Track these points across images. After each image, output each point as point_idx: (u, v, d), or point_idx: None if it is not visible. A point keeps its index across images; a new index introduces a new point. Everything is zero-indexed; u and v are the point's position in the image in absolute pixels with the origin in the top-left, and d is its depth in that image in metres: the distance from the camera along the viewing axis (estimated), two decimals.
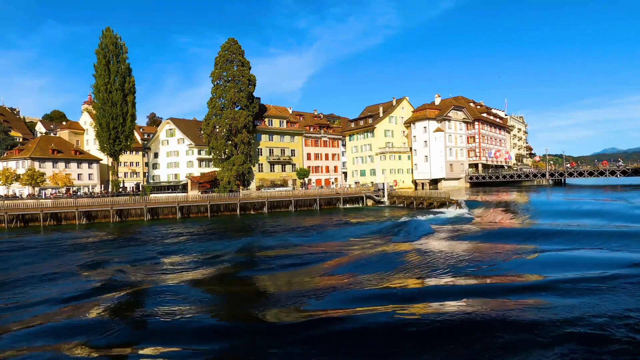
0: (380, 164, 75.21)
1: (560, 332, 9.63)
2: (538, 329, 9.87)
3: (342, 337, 10.18)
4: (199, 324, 11.46)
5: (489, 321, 10.50)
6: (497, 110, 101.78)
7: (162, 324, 11.59)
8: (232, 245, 26.41)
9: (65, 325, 11.69)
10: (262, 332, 10.91)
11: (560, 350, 8.82)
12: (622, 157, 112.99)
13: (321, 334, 10.44)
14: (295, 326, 11.07)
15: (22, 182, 60.47)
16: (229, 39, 62.59)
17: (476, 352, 8.99)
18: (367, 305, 12.59)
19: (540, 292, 13.29)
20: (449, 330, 10.12)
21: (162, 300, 13.66)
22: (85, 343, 10.19)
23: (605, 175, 64.63)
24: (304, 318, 11.75)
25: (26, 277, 18.32)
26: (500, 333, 9.75)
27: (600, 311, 10.83)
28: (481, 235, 25.65)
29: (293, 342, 10.02)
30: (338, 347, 9.70)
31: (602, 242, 21.25)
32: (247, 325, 11.61)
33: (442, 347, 9.30)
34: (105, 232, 35.82)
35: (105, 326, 11.38)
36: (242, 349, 9.93)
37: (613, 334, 9.42)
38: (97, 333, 10.81)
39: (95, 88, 59.66)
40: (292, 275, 17.74)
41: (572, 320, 10.24)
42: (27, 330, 11.41)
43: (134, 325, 11.51)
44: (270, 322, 11.68)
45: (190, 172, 74.75)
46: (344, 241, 26.78)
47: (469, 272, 16.61)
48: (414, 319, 11.09)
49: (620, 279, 13.73)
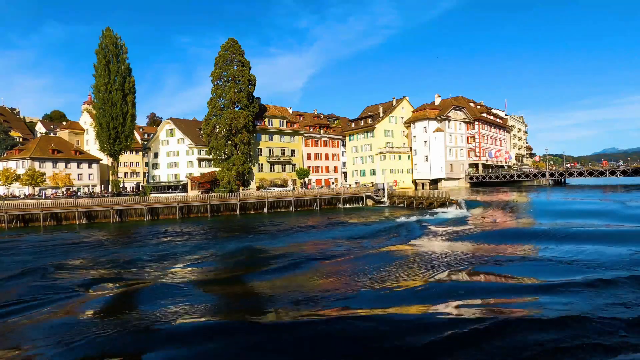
0: (380, 164, 75.21)
1: (561, 331, 9.64)
2: (538, 328, 9.88)
3: (341, 337, 10.19)
4: (198, 325, 11.47)
5: (489, 321, 10.49)
6: (497, 110, 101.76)
7: (161, 324, 11.60)
8: (232, 245, 26.44)
9: (64, 324, 11.70)
10: (261, 333, 10.92)
11: (561, 350, 8.83)
12: (622, 157, 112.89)
13: (320, 335, 10.45)
14: (294, 326, 11.09)
15: (22, 182, 60.47)
16: (228, 39, 62.60)
17: (477, 352, 8.99)
18: (366, 306, 12.60)
19: (541, 292, 13.30)
20: (448, 330, 10.12)
21: (162, 300, 13.67)
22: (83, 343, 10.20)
23: (605, 175, 64.62)
24: (302, 318, 11.76)
25: (25, 277, 18.32)
26: (501, 333, 9.75)
27: (601, 310, 10.84)
28: (481, 236, 25.65)
29: (292, 343, 10.03)
30: (337, 349, 9.71)
31: (602, 241, 21.26)
32: (247, 327, 11.61)
33: (442, 348, 9.31)
34: (105, 232, 35.83)
35: (103, 326, 11.39)
36: (241, 350, 9.93)
37: (614, 333, 9.43)
38: (95, 333, 10.82)
39: (95, 88, 59.65)
40: (292, 276, 17.74)
41: (573, 320, 10.25)
42: (24, 329, 11.44)
43: (133, 326, 11.52)
44: (270, 323, 11.70)
45: (190, 172, 74.76)
46: (344, 241, 26.77)
47: (468, 272, 16.62)
48: (413, 320, 11.09)
49: (621, 279, 13.75)
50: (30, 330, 11.43)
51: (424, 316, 11.37)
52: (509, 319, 10.61)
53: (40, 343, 10.30)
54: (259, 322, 11.81)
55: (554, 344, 9.04)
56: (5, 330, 11.44)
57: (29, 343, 10.41)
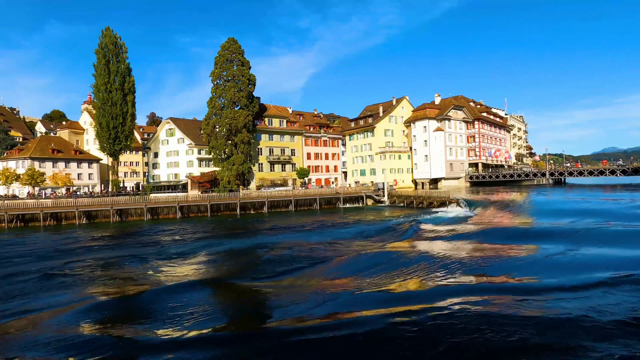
0: (380, 164, 75.17)
1: (562, 332, 9.63)
2: (539, 329, 9.87)
3: (341, 339, 10.18)
4: (199, 325, 11.46)
5: (489, 322, 10.49)
6: (497, 110, 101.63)
7: (161, 323, 11.59)
8: (233, 245, 26.42)
9: (61, 325, 11.69)
10: (262, 336, 10.91)
11: (561, 350, 8.83)
12: (622, 156, 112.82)
13: (320, 336, 10.44)
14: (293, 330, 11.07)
15: (22, 182, 60.41)
16: (228, 39, 62.54)
17: (477, 353, 8.99)
18: (366, 307, 12.59)
19: (541, 291, 13.29)
20: (448, 330, 10.11)
21: (162, 301, 13.66)
22: (79, 345, 10.20)
23: (605, 175, 64.60)
24: (300, 322, 11.75)
25: (23, 277, 18.30)
26: (501, 334, 9.74)
27: (602, 310, 10.83)
28: (481, 235, 25.64)
29: (291, 345, 10.02)
30: (336, 350, 9.70)
31: (602, 241, 21.25)
32: (247, 327, 11.60)
33: (442, 349, 9.30)
34: (105, 232, 35.81)
35: (102, 328, 11.38)
36: (241, 352, 9.92)
37: (615, 332, 9.42)
38: (93, 335, 10.81)
39: (95, 88, 59.63)
40: (291, 276, 17.72)
41: (574, 320, 10.24)
42: (19, 332, 11.42)
43: (131, 328, 11.51)
44: (269, 326, 11.69)
45: (190, 171, 74.72)
46: (343, 241, 26.76)
47: (468, 272, 16.61)
48: (412, 320, 11.08)
49: (621, 278, 13.74)
50: (26, 332, 11.39)
51: (423, 316, 11.35)
52: (508, 320, 10.60)
53: (35, 345, 10.27)
54: (259, 325, 11.80)
55: (555, 345, 9.03)
56: (1, 333, 11.40)
57: (24, 346, 10.37)
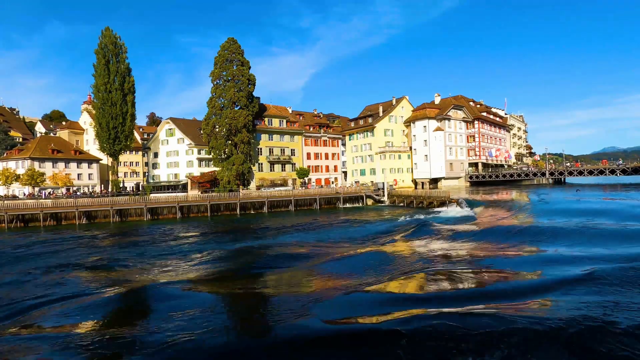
0: (380, 163, 75.16)
1: (563, 331, 9.61)
2: (540, 328, 9.85)
3: (341, 339, 10.17)
4: (198, 325, 11.44)
5: (489, 322, 10.47)
6: (497, 109, 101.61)
7: (160, 324, 11.57)
8: (233, 245, 26.42)
9: (59, 325, 11.69)
10: (262, 336, 10.90)
11: (561, 349, 8.81)
12: (622, 155, 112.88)
13: (320, 336, 10.43)
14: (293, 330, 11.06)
15: (22, 182, 60.41)
16: (228, 39, 62.52)
17: (478, 353, 8.98)
18: (367, 308, 12.57)
19: (541, 292, 13.28)
20: (448, 330, 10.10)
21: (162, 301, 13.65)
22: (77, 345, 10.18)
23: (605, 174, 64.60)
24: (299, 321, 11.73)
25: (22, 277, 18.30)
26: (501, 334, 9.73)
27: (603, 309, 10.82)
28: (481, 235, 25.63)
29: (291, 344, 10.01)
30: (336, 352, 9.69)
31: (601, 241, 21.24)
32: (246, 327, 11.59)
33: (441, 349, 9.29)
34: (105, 232, 35.81)
35: (100, 328, 11.37)
36: (241, 352, 9.91)
37: (616, 332, 9.40)
38: (91, 332, 10.80)
39: (95, 88, 59.61)
40: (291, 276, 17.73)
41: (575, 320, 10.22)
42: (19, 332, 11.41)
43: (130, 329, 11.50)
44: (269, 326, 11.67)
45: (190, 171, 74.70)
46: (343, 241, 26.76)
47: (469, 272, 16.60)
48: (412, 321, 11.06)
49: (621, 278, 13.72)
50: (25, 332, 11.38)
51: (425, 316, 11.33)
52: (508, 320, 10.58)
53: (35, 345, 10.27)
54: (259, 327, 11.79)
55: (556, 344, 9.02)
56: (2, 333, 11.40)
57: (23, 345, 10.36)
